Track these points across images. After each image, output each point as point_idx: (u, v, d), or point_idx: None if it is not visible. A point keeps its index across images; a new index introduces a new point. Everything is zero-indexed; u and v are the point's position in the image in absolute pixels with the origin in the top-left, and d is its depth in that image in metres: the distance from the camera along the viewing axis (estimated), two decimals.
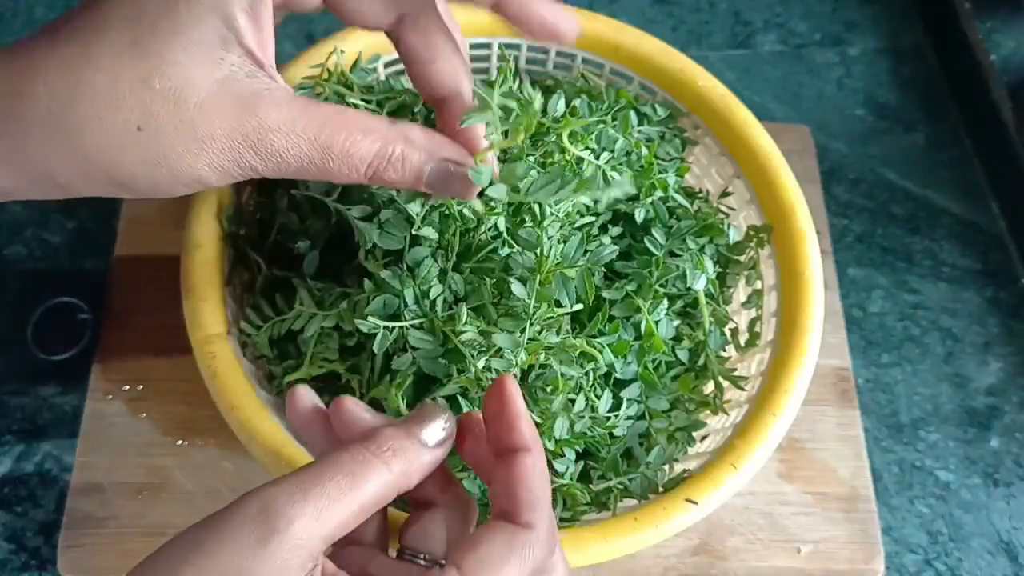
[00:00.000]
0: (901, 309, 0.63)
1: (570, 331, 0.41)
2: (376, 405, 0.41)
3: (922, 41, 0.74)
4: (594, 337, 0.42)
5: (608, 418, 0.42)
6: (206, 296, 0.42)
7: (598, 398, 0.41)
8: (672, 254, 0.44)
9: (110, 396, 0.53)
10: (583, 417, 0.41)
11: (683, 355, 0.45)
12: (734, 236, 0.48)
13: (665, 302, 0.43)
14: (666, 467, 0.44)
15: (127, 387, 0.53)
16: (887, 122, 0.70)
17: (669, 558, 0.51)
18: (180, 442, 0.52)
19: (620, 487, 0.42)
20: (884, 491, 0.56)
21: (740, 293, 0.49)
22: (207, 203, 0.44)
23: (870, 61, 0.73)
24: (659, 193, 0.45)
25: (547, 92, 0.51)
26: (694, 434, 0.45)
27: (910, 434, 0.59)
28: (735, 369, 0.46)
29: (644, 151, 0.45)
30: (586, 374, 0.41)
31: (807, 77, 0.71)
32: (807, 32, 0.74)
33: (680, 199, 0.46)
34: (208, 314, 0.42)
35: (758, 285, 0.48)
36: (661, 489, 0.42)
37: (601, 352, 0.41)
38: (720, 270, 0.48)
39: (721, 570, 0.51)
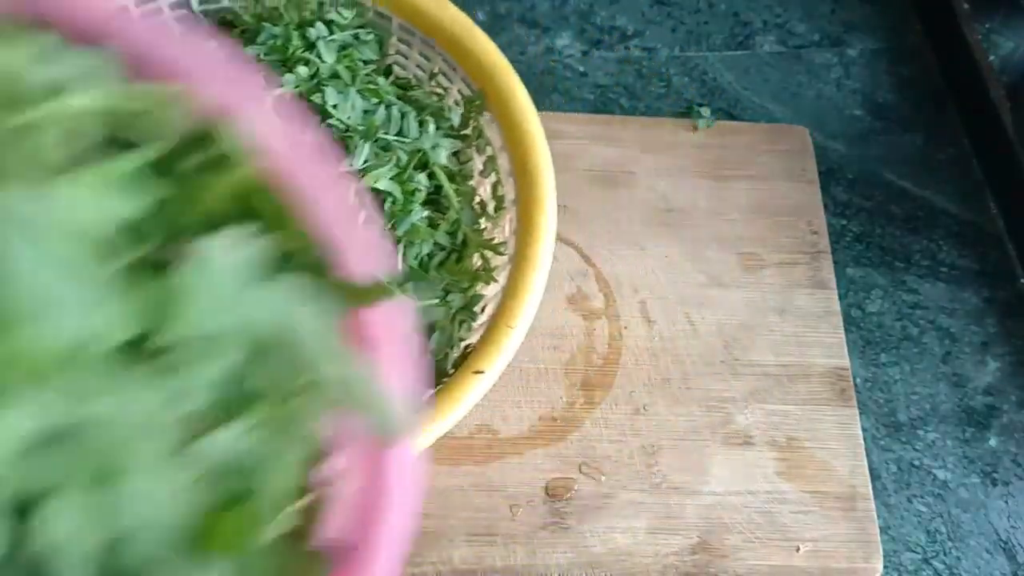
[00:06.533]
0: (899, 309, 0.63)
1: None
2: None
3: (921, 42, 0.74)
4: None
5: None
6: None
7: None
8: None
9: None
10: None
11: (443, 240, 0.45)
12: (457, 118, 0.48)
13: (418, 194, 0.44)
14: (452, 348, 0.44)
15: None
16: (886, 122, 0.70)
17: (668, 556, 0.51)
18: None
19: None
20: (883, 490, 0.57)
21: (477, 163, 0.50)
22: None
23: (869, 62, 0.73)
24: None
25: (230, 26, 0.50)
26: (475, 308, 0.45)
27: (908, 433, 0.59)
28: (493, 238, 0.47)
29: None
30: None
31: (806, 78, 0.72)
32: (806, 33, 0.74)
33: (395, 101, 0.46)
34: None
35: (489, 152, 0.49)
36: (452, 370, 0.43)
37: None
38: (453, 147, 0.48)
39: (720, 568, 0.51)
